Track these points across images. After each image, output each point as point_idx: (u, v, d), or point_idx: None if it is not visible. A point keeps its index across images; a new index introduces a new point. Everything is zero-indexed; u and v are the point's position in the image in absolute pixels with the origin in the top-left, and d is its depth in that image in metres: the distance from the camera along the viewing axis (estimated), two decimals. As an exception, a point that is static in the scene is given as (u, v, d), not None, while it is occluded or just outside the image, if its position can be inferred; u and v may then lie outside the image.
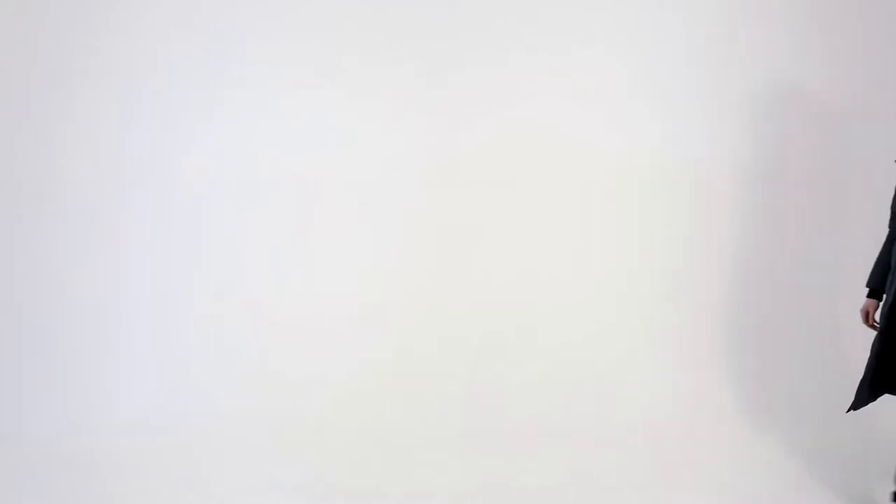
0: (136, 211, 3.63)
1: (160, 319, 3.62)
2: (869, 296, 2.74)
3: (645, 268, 3.72)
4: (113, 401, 3.45)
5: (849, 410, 2.65)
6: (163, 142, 3.63)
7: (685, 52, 3.69)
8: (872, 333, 2.71)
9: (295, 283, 3.68)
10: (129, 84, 3.60)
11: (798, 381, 3.59)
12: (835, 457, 3.14)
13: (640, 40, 3.70)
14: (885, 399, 2.72)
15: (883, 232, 2.80)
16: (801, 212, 3.72)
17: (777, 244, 3.72)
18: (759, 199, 3.71)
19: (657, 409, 3.50)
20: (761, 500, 2.87)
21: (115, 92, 3.60)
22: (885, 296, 2.63)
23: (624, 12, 3.70)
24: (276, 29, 3.64)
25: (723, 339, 3.69)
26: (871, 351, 2.59)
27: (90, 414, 3.38)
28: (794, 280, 3.71)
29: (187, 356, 3.59)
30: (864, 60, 3.68)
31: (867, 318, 2.72)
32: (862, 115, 3.67)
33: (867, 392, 2.59)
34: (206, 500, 2.79)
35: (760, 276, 3.72)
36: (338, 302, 3.69)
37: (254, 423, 3.36)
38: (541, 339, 3.71)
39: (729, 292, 3.72)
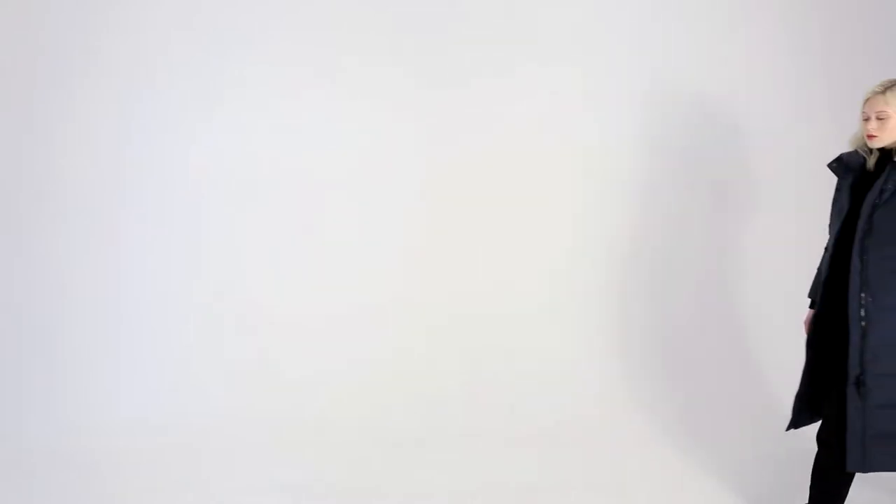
0: (137, 211, 3.63)
1: (160, 319, 3.62)
2: (811, 307, 2.68)
3: (646, 264, 3.75)
4: (113, 401, 3.46)
5: (788, 428, 2.60)
6: (163, 142, 3.63)
7: (685, 54, 3.71)
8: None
9: (295, 283, 3.68)
10: (130, 84, 3.60)
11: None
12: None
13: (639, 42, 3.72)
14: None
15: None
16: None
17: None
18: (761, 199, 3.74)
19: (659, 409, 3.51)
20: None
21: (116, 92, 3.60)
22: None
23: (624, 14, 3.71)
24: (277, 29, 3.64)
25: (714, 339, 3.71)
26: (805, 363, 2.57)
27: (90, 414, 3.38)
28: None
29: (187, 356, 3.59)
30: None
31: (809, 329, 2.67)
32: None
33: (804, 407, 2.56)
34: (206, 500, 2.79)
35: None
36: (338, 302, 3.69)
37: (254, 423, 3.36)
38: (540, 338, 3.71)
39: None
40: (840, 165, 2.52)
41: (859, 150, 2.47)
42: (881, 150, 2.42)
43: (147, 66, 3.60)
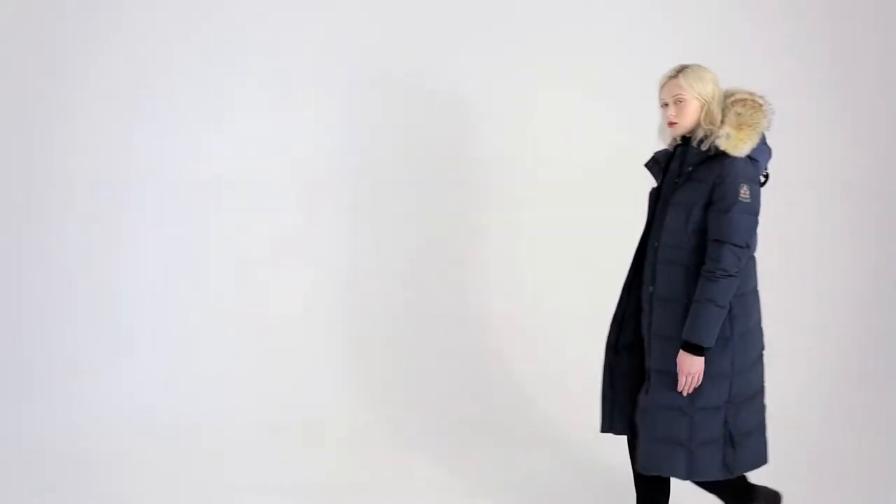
0: (137, 211, 3.63)
1: (161, 320, 3.63)
2: None
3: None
4: (113, 401, 3.45)
5: (603, 430, 2.43)
6: (163, 143, 3.64)
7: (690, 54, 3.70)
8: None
9: (296, 283, 3.68)
10: (131, 85, 3.61)
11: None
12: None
13: (641, 44, 3.72)
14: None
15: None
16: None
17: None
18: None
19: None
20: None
21: (117, 92, 3.61)
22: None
23: (625, 17, 3.72)
24: (275, 32, 3.65)
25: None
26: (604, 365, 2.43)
27: (90, 414, 3.38)
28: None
29: (187, 356, 3.59)
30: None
31: None
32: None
33: (611, 413, 2.39)
34: (207, 500, 2.79)
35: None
36: (338, 302, 3.70)
37: (254, 423, 3.36)
38: (541, 338, 3.71)
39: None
40: (655, 165, 2.40)
41: (669, 146, 2.36)
42: (684, 138, 2.29)
43: (149, 67, 3.60)
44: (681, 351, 2.18)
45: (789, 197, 3.72)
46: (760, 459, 2.33)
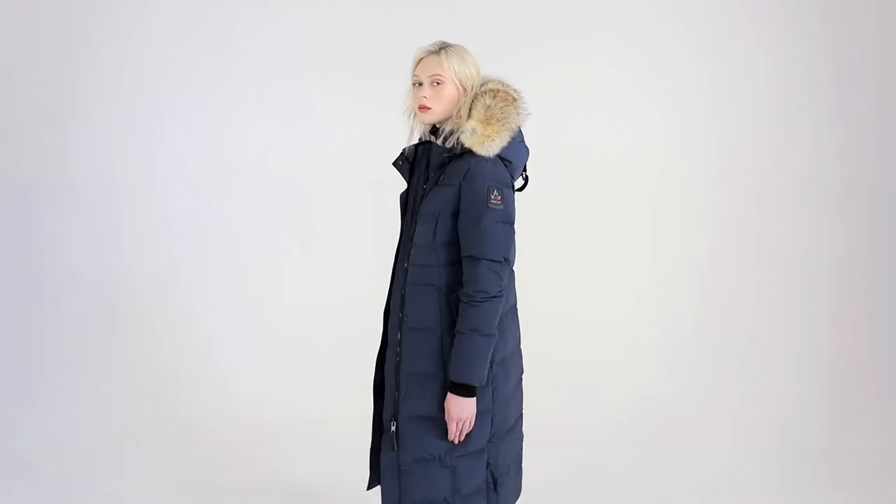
0: (136, 211, 3.65)
1: (161, 318, 3.63)
2: None
3: (655, 266, 3.76)
4: (113, 400, 3.46)
5: (369, 487, 2.11)
6: (164, 142, 3.65)
7: (685, 54, 3.70)
8: None
9: (297, 282, 3.68)
10: (129, 84, 3.62)
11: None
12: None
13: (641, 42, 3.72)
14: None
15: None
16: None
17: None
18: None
19: (658, 409, 3.50)
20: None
21: (116, 90, 3.62)
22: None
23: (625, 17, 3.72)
24: (276, 31, 3.65)
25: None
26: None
27: (91, 413, 3.39)
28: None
29: (187, 355, 3.59)
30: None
31: None
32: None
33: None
34: (206, 500, 2.80)
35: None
36: (339, 300, 3.69)
37: (254, 423, 3.36)
38: (543, 337, 3.70)
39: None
40: (405, 164, 1.99)
41: (423, 137, 1.99)
42: (433, 131, 1.95)
43: (147, 67, 3.62)
44: (449, 394, 1.82)
45: (788, 197, 3.73)
46: (516, 494, 2.04)
